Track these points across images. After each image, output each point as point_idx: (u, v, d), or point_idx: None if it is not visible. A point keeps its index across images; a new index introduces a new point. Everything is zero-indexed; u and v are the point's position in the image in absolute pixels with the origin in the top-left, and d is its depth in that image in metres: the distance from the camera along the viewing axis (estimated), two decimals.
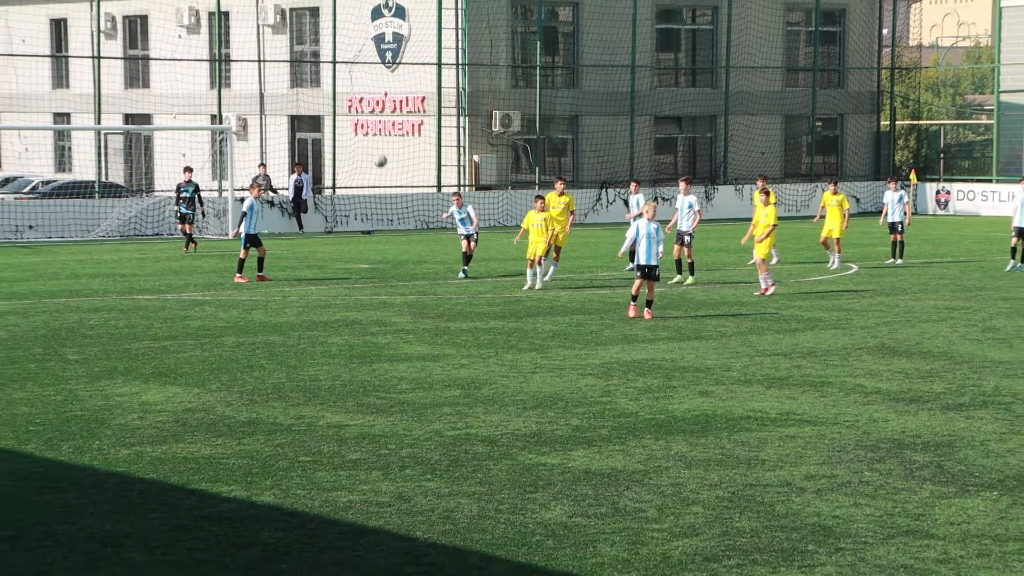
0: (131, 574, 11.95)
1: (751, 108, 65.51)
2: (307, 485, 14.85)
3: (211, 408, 18.95)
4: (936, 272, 37.54)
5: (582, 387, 20.54)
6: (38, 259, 41.84)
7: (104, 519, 13.60)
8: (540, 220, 32.61)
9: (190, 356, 23.36)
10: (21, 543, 12.84)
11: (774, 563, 12.20)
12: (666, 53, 65.47)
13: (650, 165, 63.40)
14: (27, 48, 71.44)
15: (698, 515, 13.70)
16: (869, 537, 12.98)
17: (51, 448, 16.61)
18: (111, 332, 26.20)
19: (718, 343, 24.88)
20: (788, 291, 32.85)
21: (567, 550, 12.55)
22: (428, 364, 22.56)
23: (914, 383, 20.95)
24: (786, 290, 32.99)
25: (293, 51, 64.65)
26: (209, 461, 15.92)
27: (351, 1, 59.41)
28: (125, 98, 68.68)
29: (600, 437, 17.20)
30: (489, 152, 59.49)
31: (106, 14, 65.46)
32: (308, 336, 25.64)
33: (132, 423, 18.00)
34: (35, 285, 34.26)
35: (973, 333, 26.20)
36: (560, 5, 62.07)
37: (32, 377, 21.31)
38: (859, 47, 69.04)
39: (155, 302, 30.90)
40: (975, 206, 63.31)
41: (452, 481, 14.99)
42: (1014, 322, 27.65)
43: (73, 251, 44.84)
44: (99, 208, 51.09)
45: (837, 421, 18.18)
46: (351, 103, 61.09)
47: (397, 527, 13.31)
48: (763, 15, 65.52)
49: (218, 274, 36.59)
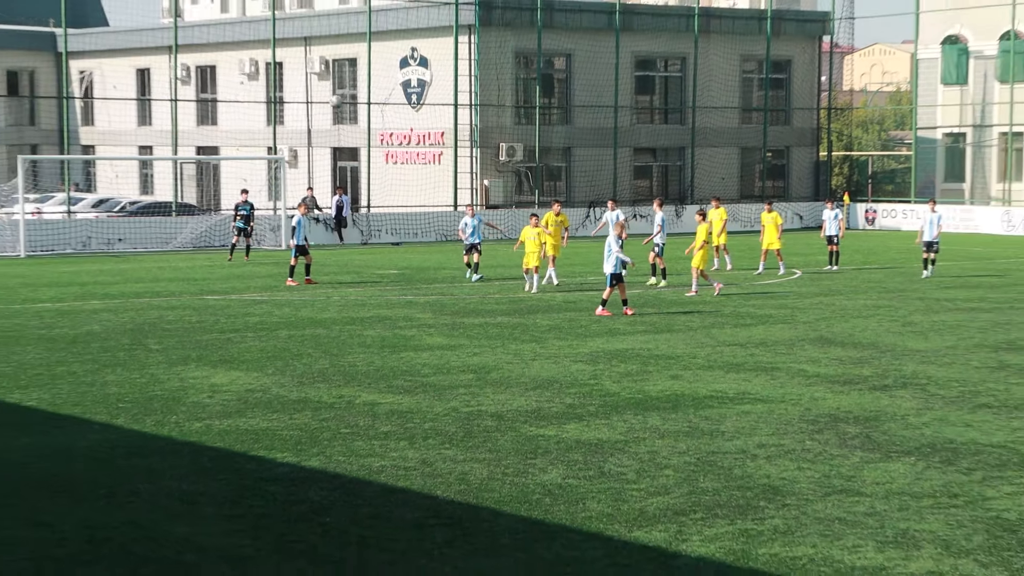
0: (202, 525, 12.03)
1: (713, 141, 65.59)
2: (347, 452, 14.92)
3: (267, 389, 19.03)
4: (865, 277, 37.57)
5: (574, 372, 20.60)
6: (126, 266, 41.88)
7: (180, 480, 13.69)
8: (534, 234, 32.60)
9: (250, 346, 23.43)
10: (113, 499, 12.94)
11: (732, 516, 12.28)
12: (643, 96, 65.42)
13: (630, 188, 63.54)
14: (118, 93, 71.92)
15: (669, 477, 13.77)
16: (810, 495, 13.05)
17: (137, 421, 16.69)
18: (185, 326, 26.27)
19: (686, 335, 24.94)
20: (743, 292, 32.87)
21: (561, 506, 12.62)
22: (446, 353, 22.61)
23: (847, 368, 21.02)
24: (741, 291, 33.01)
25: (335, 94, 64.74)
26: (266, 432, 15.99)
27: (383, 53, 59.42)
28: (197, 133, 68.86)
29: (588, 413, 17.27)
30: (497, 177, 59.58)
31: (182, 65, 65.55)
32: (347, 329, 25.69)
33: (203, 401, 18.08)
34: (123, 287, 34.31)
35: (895, 327, 26.25)
36: (555, 56, 62.04)
37: (121, 363, 21.39)
38: (802, 91, 69.05)
39: (221, 301, 30.95)
40: (897, 222, 63.32)
41: (466, 449, 15.06)
42: (929, 318, 27.71)
43: (154, 259, 44.88)
44: (175, 224, 51.14)
45: (784, 400, 18.24)
46: (383, 137, 61.13)
47: (421, 487, 13.39)
48: (723, 65, 65.73)
49: (272, 278, 36.61)
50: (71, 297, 31.86)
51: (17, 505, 12.71)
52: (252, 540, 11.56)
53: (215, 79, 69.38)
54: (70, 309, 29.32)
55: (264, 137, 62.33)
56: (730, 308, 29.46)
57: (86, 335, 24.83)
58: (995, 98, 65.26)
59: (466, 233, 36.16)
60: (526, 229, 32.97)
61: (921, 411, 17.47)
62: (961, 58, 66.31)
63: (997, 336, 24.92)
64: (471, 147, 58.84)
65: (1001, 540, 11.57)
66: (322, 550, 11.28)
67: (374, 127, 59.06)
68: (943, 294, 32.44)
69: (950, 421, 16.79)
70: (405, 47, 61.18)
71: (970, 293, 32.97)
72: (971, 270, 39.97)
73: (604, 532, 11.77)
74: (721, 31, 66.23)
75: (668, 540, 11.51)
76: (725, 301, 30.75)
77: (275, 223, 51.47)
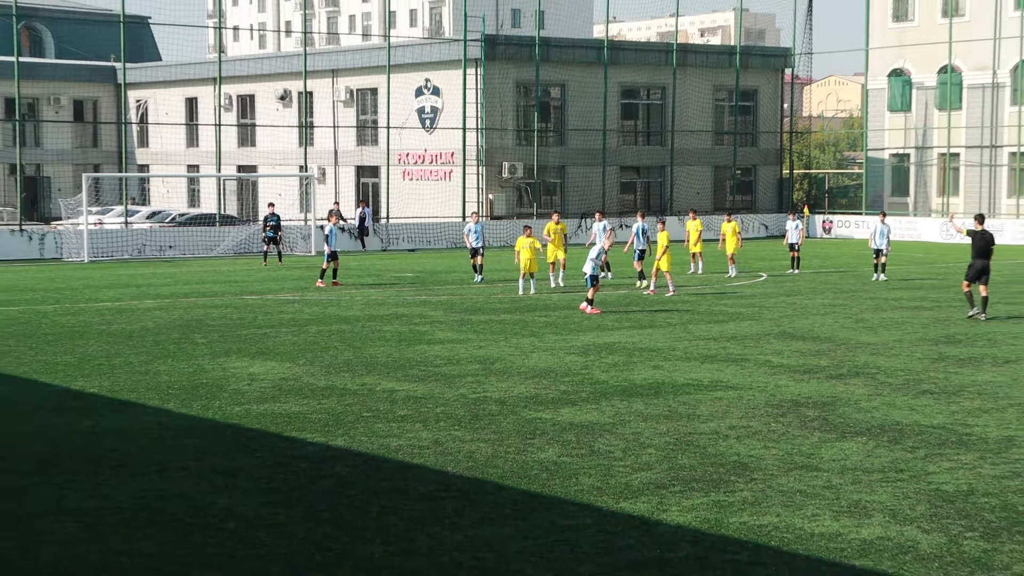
0: (242, 496, 12.02)
1: (689, 160, 65.59)
2: (368, 433, 14.90)
3: (299, 378, 19.01)
4: (823, 279, 37.56)
5: (568, 363, 20.58)
6: (175, 270, 41.89)
7: (223, 457, 13.68)
8: (528, 243, 32.10)
9: (283, 340, 23.42)
10: (165, 473, 12.93)
11: (706, 489, 12.26)
12: (628, 120, 65.39)
13: (617, 201, 63.54)
14: (169, 118, 72.07)
15: (651, 455, 13.75)
16: (774, 470, 13.03)
17: (185, 406, 16.69)
18: (227, 322, 26.27)
19: (666, 331, 24.92)
20: (716, 292, 32.86)
21: (557, 481, 12.60)
22: (455, 346, 22.60)
23: (807, 359, 21.00)
24: (714, 292, 33.01)
25: (358, 119, 64.73)
26: (297, 416, 15.98)
27: (400, 83, 59.48)
28: (238, 153, 68.89)
29: (580, 399, 17.25)
30: (500, 192, 59.57)
31: (225, 94, 65.71)
32: (369, 325, 25.69)
33: (242, 388, 18.07)
34: (173, 288, 34.32)
35: (849, 323, 26.24)
36: (551, 86, 62.00)
37: (171, 355, 21.39)
38: (767, 117, 69.08)
39: (258, 301, 30.96)
40: (850, 232, 63.31)
41: (473, 431, 15.04)
42: (878, 315, 27.69)
43: (200, 264, 44.88)
44: (219, 233, 51.10)
45: (752, 387, 18.22)
46: (400, 157, 61.10)
47: (434, 464, 13.37)
48: (698, 94, 65.74)
49: (303, 281, 36.60)
50: (128, 297, 31.86)
51: (81, 478, 12.69)
52: (285, 509, 11.54)
53: (254, 106, 69.39)
54: (127, 308, 29.32)
55: (296, 157, 62.42)
56: (704, 307, 29.46)
57: (141, 330, 24.83)
58: (934, 123, 65.30)
59: (470, 238, 36.14)
60: (520, 239, 32.54)
61: (871, 397, 17.46)
62: (905, 88, 66.35)
63: (937, 331, 24.91)
64: (477, 165, 58.85)
65: (941, 509, 11.55)
66: (347, 518, 11.26)
67: (393, 148, 59.04)
68: (890, 294, 32.42)
69: (896, 405, 16.78)
70: (420, 78, 61.21)
71: (914, 294, 32.96)
72: (915, 274, 39.97)
73: (594, 503, 11.75)
74: (696, 64, 66.35)
75: (650, 510, 11.49)
76: (700, 300, 30.75)
77: (306, 232, 51.46)
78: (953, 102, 63.69)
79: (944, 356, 21.46)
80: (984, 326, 25.60)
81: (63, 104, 73.27)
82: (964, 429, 15.20)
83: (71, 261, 45.70)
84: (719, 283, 35.81)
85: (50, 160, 72.76)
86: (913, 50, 65.70)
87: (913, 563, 9.98)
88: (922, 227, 61.25)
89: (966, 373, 19.59)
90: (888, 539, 10.61)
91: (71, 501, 11.85)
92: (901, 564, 9.96)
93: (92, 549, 10.32)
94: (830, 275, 39.26)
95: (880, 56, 67.27)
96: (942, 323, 26.29)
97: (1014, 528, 10.96)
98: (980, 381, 18.82)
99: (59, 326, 25.56)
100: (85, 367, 20.05)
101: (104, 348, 22.25)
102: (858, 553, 10.23)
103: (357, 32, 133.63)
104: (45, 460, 13.54)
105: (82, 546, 10.40)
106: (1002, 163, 63.26)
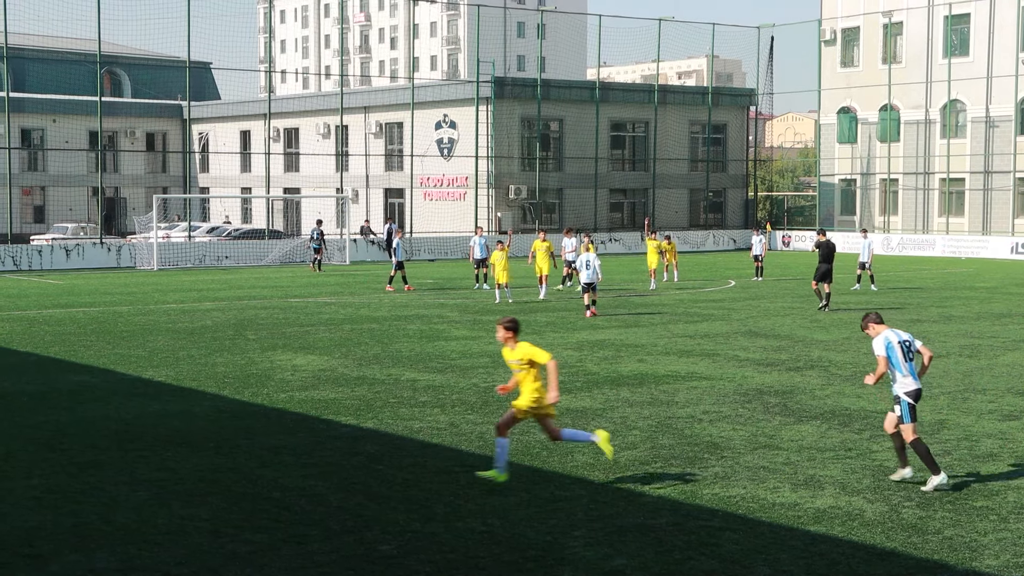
0: (286, 470, 11.97)
1: (668, 184, 65.56)
2: (394, 417, 14.86)
3: (335, 369, 18.97)
4: (782, 286, 37.46)
5: (564, 356, 20.51)
6: (231, 277, 41.89)
7: (269, 436, 13.63)
8: (501, 256, 30.58)
9: (322, 336, 23.38)
10: (220, 450, 12.89)
11: (683, 465, 12.20)
12: (616, 150, 65.34)
13: (607, 219, 63.63)
14: (226, 148, 72.03)
15: (636, 436, 13.69)
16: (741, 449, 12.97)
17: (238, 392, 16.66)
18: (274, 321, 26.24)
19: (649, 329, 24.86)
20: (693, 298, 32.78)
21: (555, 458, 12.54)
22: (469, 342, 22.56)
23: (769, 354, 20.93)
24: (691, 296, 32.92)
25: (386, 148, 64.73)
26: (334, 401, 15.94)
27: (423, 118, 59.58)
28: (284, 178, 68.96)
29: (575, 387, 17.19)
30: (507, 210, 59.53)
31: (274, 128, 65.69)
32: (395, 324, 25.65)
33: (287, 378, 18.03)
34: (229, 292, 34.31)
35: (805, 323, 26.15)
36: (551, 120, 61.97)
37: (227, 349, 21.36)
38: (735, 147, 69.00)
39: (301, 303, 30.93)
40: (806, 245, 63.11)
41: (484, 415, 14.99)
42: (830, 316, 27.59)
43: (252, 272, 44.89)
44: (267, 246, 51.10)
45: (722, 378, 18.16)
46: (422, 181, 61.13)
47: (450, 443, 13.32)
48: (676, 127, 65.75)
49: (340, 286, 36.60)
50: (190, 300, 31.84)
51: (149, 455, 12.65)
52: (323, 481, 11.49)
53: (298, 138, 69.39)
54: (189, 309, 29.30)
55: (333, 180, 62.41)
56: (682, 309, 29.39)
57: (200, 328, 24.80)
58: (877, 153, 65.17)
59: (476, 250, 35.76)
60: (495, 253, 31.09)
61: (824, 386, 17.38)
62: (852, 124, 66.22)
63: None
64: (488, 188, 58.83)
65: (883, 483, 11.48)
66: (375, 489, 11.21)
67: (416, 173, 59.15)
68: (839, 299, 32.25)
69: (846, 394, 16.70)
70: (439, 114, 61.23)
71: (860, 298, 32.83)
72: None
73: (587, 477, 11.69)
74: (674, 102, 66.39)
75: (635, 483, 11.42)
76: (678, 303, 30.68)
77: (341, 244, 51.42)
78: (892, 135, 63.60)
79: None
80: (920, 326, 25.49)
81: (137, 136, 73.33)
82: None
83: (143, 269, 45.69)
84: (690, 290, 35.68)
85: (126, 183, 72.89)
86: (858, 91, 65.67)
87: (860, 528, 9.92)
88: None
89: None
90: (838, 508, 10.55)
91: (142, 473, 11.80)
92: (850, 529, 9.90)
93: (160, 513, 10.28)
94: (789, 282, 39.17)
95: (830, 96, 67.22)
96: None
97: (945, 499, 10.89)
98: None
99: (132, 324, 25.54)
100: (154, 359, 20.02)
101: (170, 343, 22.21)
102: (813, 520, 10.16)
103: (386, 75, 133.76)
104: (120, 437, 13.50)
105: (151, 511, 10.37)
106: (934, 188, 63.17)
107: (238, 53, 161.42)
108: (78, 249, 46.85)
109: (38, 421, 14.53)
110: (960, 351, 21.35)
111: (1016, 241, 55.86)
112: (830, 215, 66.89)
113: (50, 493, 11.00)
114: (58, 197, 68.75)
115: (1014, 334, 24.08)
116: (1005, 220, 60.07)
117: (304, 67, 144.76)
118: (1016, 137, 59.38)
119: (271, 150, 61.91)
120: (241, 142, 73.13)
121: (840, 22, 66.64)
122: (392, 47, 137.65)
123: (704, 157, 67.19)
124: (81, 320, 26.43)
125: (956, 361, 20.04)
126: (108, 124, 66.02)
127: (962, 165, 61.38)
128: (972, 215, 61.31)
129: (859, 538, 9.64)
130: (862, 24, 65.72)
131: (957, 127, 61.93)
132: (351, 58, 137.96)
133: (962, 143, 61.46)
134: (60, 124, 68.94)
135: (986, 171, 60.72)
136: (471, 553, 9.19)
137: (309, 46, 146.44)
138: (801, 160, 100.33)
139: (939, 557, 9.16)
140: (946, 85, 61.25)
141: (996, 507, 10.60)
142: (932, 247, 58.11)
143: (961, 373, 18.69)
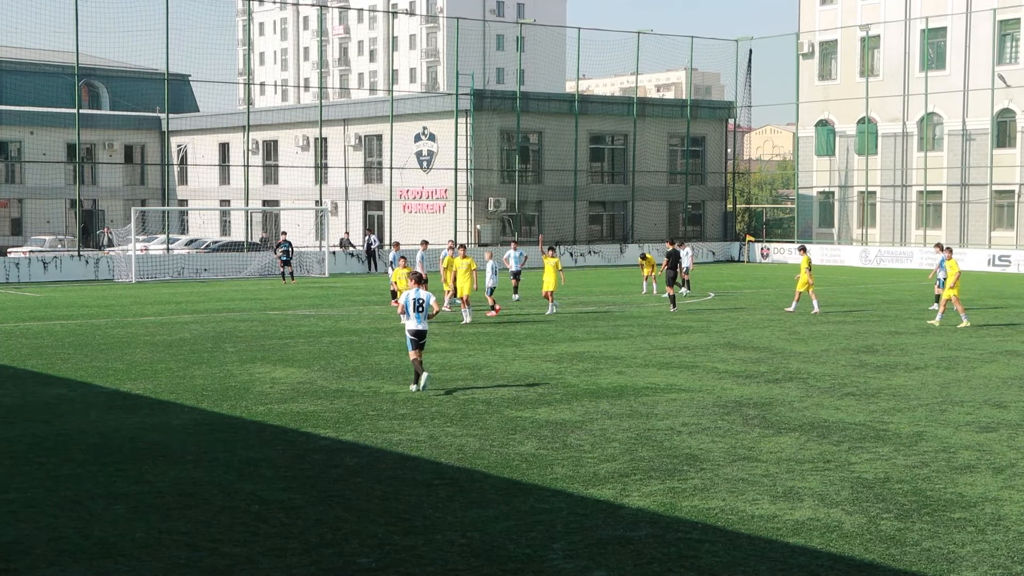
0: (265, 483, 11.92)
1: (647, 196, 65.65)
2: (373, 429, 14.82)
3: (313, 381, 18.92)
4: (761, 297, 37.58)
5: (544, 368, 20.53)
6: (209, 289, 41.73)
7: (248, 449, 13.58)
8: (466, 264, 28.91)
9: (301, 349, 23.32)
10: (198, 463, 12.83)
11: (662, 477, 12.21)
12: (595, 162, 65.44)
13: (586, 231, 63.65)
14: (205, 160, 71.85)
15: (616, 448, 13.70)
16: (721, 461, 12.99)
17: (216, 405, 16.59)
18: (253, 334, 26.15)
19: (628, 341, 24.89)
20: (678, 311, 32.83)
21: (535, 470, 12.53)
22: (448, 354, 22.54)
23: (748, 366, 20.98)
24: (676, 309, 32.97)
25: (366, 161, 64.68)
26: (312, 414, 15.89)
27: (402, 131, 59.63)
28: (263, 190, 68.76)
29: (555, 399, 17.19)
30: (486, 223, 59.53)
31: (252, 140, 65.50)
32: (374, 337, 25.61)
33: (265, 390, 17.97)
34: (207, 305, 34.19)
35: (784, 335, 26.23)
36: (530, 132, 62.06)
37: (205, 361, 21.28)
38: (714, 159, 69.20)
39: (280, 316, 30.84)
40: (784, 257, 63.37)
41: (463, 427, 14.97)
42: (808, 328, 27.69)
43: (231, 284, 44.74)
44: (246, 258, 50.92)
45: (701, 389, 18.19)
46: (401, 193, 61.10)
47: (429, 456, 13.29)
48: (655, 140, 65.92)
49: (319, 299, 36.52)
50: (168, 312, 31.71)
51: (126, 468, 12.58)
52: (301, 494, 11.45)
53: (277, 150, 69.24)
54: (168, 321, 29.18)
55: (313, 193, 62.31)
56: (661, 321, 29.43)
57: (179, 340, 24.70)
58: (854, 166, 65.54)
59: (511, 262, 34.57)
60: (456, 260, 29.39)
61: (803, 398, 17.43)
62: (829, 136, 66.56)
63: (858, 342, 24.92)
64: (467, 200, 58.85)
65: (862, 494, 11.51)
66: (354, 502, 11.17)
67: (395, 185, 59.14)
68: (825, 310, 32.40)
69: (824, 406, 16.75)
70: (418, 126, 61.21)
71: (838, 311, 32.96)
72: (839, 292, 39.99)
73: (567, 489, 11.68)
74: (653, 115, 66.51)
75: (615, 495, 11.43)
76: (657, 316, 30.72)
77: (319, 257, 51.31)
78: (870, 148, 63.96)
79: (864, 363, 21.46)
80: (898, 338, 25.63)
81: (115, 148, 73.08)
82: (881, 426, 15.18)
83: (121, 281, 45.48)
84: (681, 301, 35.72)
85: (104, 196, 72.61)
86: (836, 104, 66.04)
87: (839, 540, 9.94)
88: (845, 253, 61.44)
89: (882, 378, 19.59)
90: (817, 520, 10.57)
91: (119, 486, 11.74)
92: (828, 541, 9.92)
93: (137, 527, 10.22)
94: (767, 294, 39.30)
95: (808, 109, 67.56)
96: (862, 335, 26.31)
97: (923, 510, 10.94)
98: (894, 385, 18.82)
99: (110, 337, 25.42)
100: (132, 372, 19.92)
101: (148, 356, 22.11)
102: (792, 532, 10.19)
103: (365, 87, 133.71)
104: (98, 451, 13.43)
105: (129, 524, 10.30)
106: (911, 200, 63.56)
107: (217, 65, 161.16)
108: (56, 262, 46.63)
109: (15, 434, 14.43)
110: (938, 363, 21.46)
111: (993, 253, 56.25)
112: (809, 227, 67.19)
113: (27, 507, 10.93)
114: (36, 210, 68.46)
115: (991, 346, 24.23)
116: (982, 232, 60.49)
117: (283, 79, 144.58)
118: (992, 150, 59.85)
119: (250, 162, 61.79)
120: (220, 154, 72.93)
121: (818, 35, 67.06)
122: (371, 59, 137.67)
123: (683, 169, 67.38)
124: (59, 333, 26.29)
125: (934, 373, 20.15)
126: (86, 136, 65.72)
127: (939, 178, 61.79)
128: (949, 227, 61.69)
129: (838, 550, 9.66)
130: (840, 37, 66.15)
131: (934, 140, 62.36)
132: (330, 70, 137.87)
133: (939, 156, 61.89)
134: (38, 136, 68.63)
135: (963, 184, 61.16)
136: (450, 566, 9.17)
137: (288, 58, 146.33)
138: (780, 172, 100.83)
139: (917, 569, 9.20)
140: (923, 98, 61.68)
141: (974, 519, 10.66)
142: (910, 259, 58.42)
143: (939, 385, 18.78)
